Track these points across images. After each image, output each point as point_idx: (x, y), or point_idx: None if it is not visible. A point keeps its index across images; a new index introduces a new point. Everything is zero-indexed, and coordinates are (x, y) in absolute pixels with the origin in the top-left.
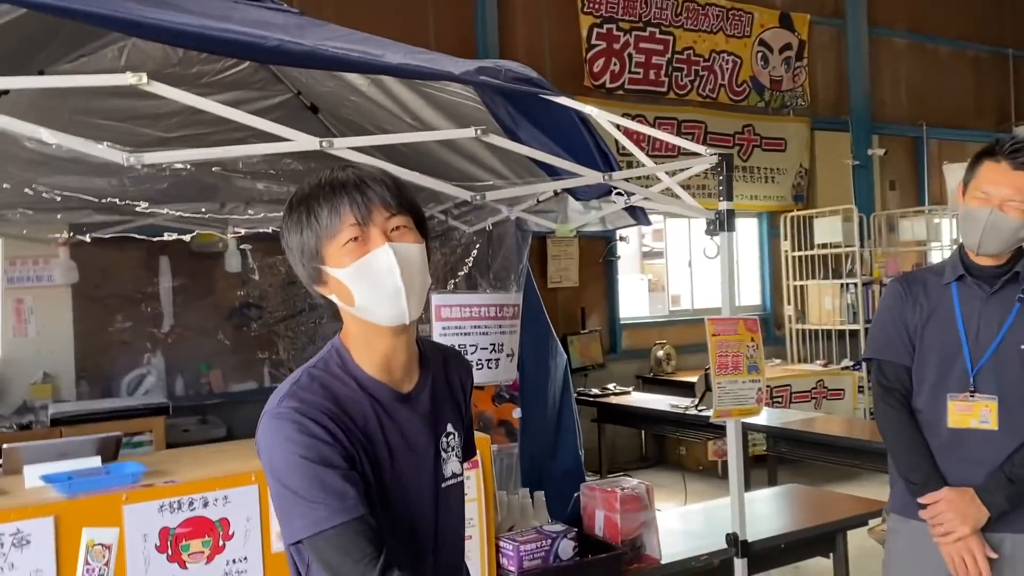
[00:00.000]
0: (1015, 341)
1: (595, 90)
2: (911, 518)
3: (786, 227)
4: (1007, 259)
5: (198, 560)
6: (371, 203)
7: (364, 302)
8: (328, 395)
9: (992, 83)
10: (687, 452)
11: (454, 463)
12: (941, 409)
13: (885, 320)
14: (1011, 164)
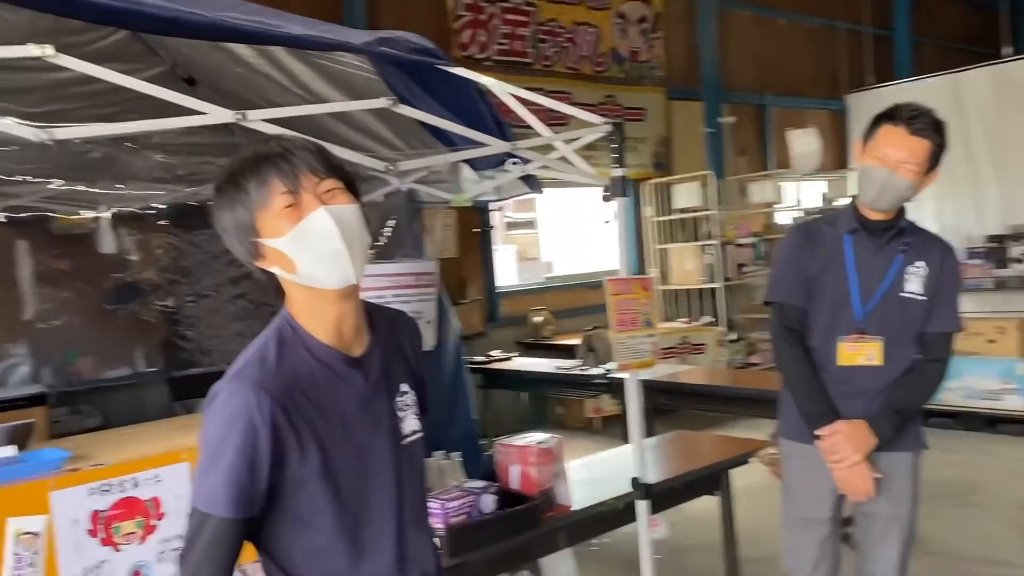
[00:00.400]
0: (897, 289)
1: (463, 61)
2: (804, 443)
3: (648, 194)
4: (894, 215)
5: (131, 541)
6: (298, 170)
7: (307, 268)
8: (283, 367)
9: (824, 55)
10: (567, 411)
11: (412, 420)
12: (832, 348)
13: (785, 266)
14: (908, 129)
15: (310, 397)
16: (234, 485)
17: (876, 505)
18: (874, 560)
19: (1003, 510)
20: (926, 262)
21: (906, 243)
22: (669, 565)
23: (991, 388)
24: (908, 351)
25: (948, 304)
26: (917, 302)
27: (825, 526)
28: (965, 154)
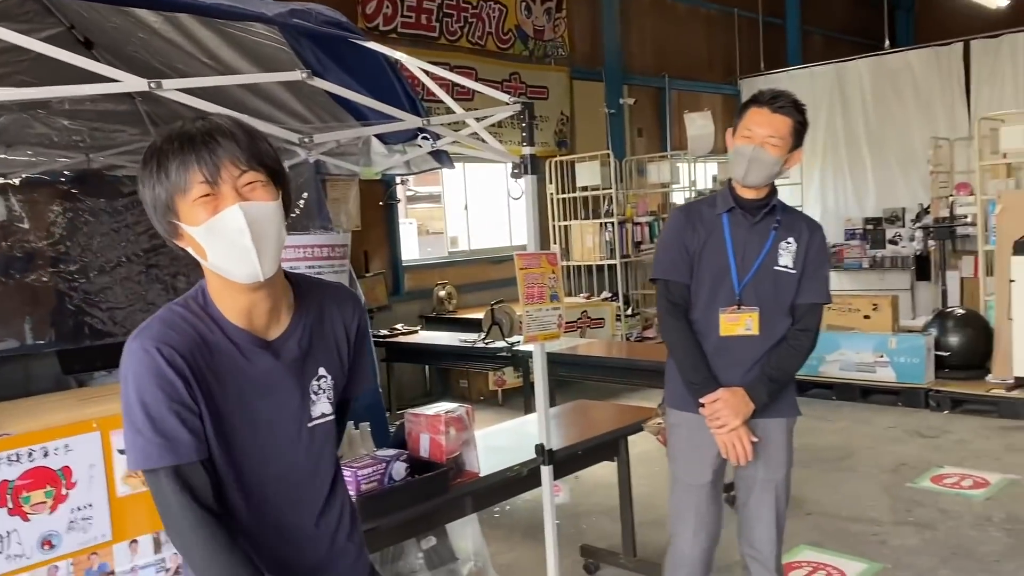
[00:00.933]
0: (770, 263)
1: (368, 32)
2: (688, 411)
3: (551, 171)
4: (766, 193)
5: (40, 511)
6: (220, 160)
7: (216, 260)
8: (187, 333)
9: (721, 40)
10: (469, 384)
11: (323, 404)
12: (713, 320)
13: (668, 245)
14: (770, 108)
15: (208, 363)
16: (165, 433)
17: (754, 469)
18: (753, 520)
19: (874, 473)
20: (795, 238)
21: (777, 220)
22: (567, 529)
23: (866, 361)
24: (782, 321)
25: (816, 277)
26: (789, 275)
27: (706, 489)
28: (847, 140)
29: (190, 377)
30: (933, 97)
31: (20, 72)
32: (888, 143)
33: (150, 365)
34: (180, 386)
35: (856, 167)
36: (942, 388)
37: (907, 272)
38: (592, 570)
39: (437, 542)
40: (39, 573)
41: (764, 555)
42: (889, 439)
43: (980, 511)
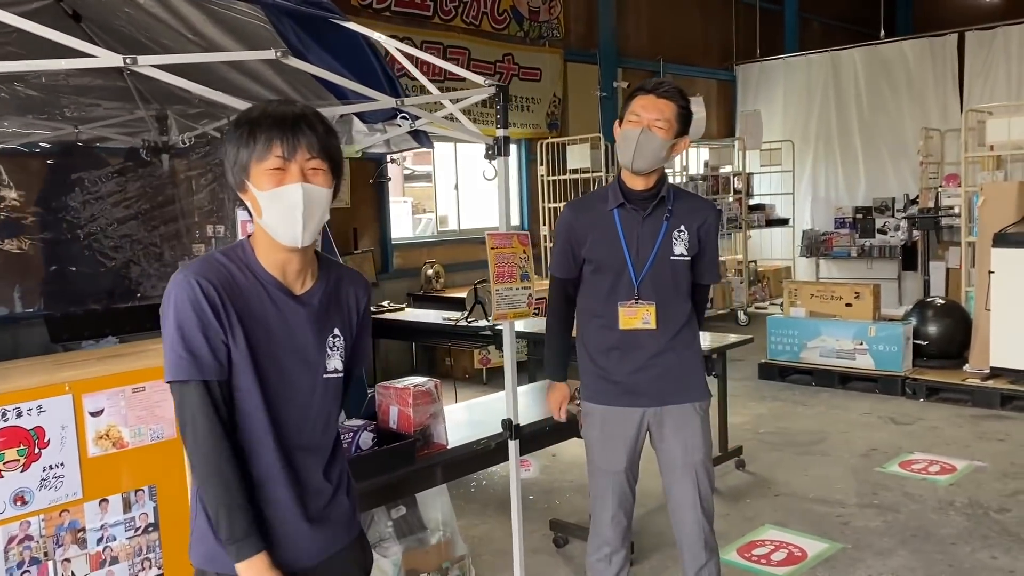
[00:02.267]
0: (665, 254)
1: (362, 10)
2: (599, 404)
3: (542, 153)
4: (655, 182)
5: (14, 468)
6: (298, 143)
7: (268, 220)
8: (225, 273)
9: (718, 25)
10: (455, 362)
11: (336, 361)
12: (615, 313)
13: (559, 243)
14: (656, 94)
15: (245, 302)
16: (193, 351)
17: (672, 455)
18: (678, 504)
19: (844, 457)
20: (686, 226)
21: (669, 210)
22: (539, 504)
23: (845, 348)
24: (681, 307)
25: (712, 259)
26: (684, 262)
27: (621, 476)
28: (840, 129)
29: (221, 310)
30: (926, 88)
31: (9, 43)
32: (880, 133)
33: (189, 294)
34: (211, 315)
35: (848, 156)
36: (919, 376)
37: (895, 262)
38: (560, 544)
39: (407, 511)
40: (12, 527)
41: (693, 536)
42: (863, 425)
43: (943, 495)
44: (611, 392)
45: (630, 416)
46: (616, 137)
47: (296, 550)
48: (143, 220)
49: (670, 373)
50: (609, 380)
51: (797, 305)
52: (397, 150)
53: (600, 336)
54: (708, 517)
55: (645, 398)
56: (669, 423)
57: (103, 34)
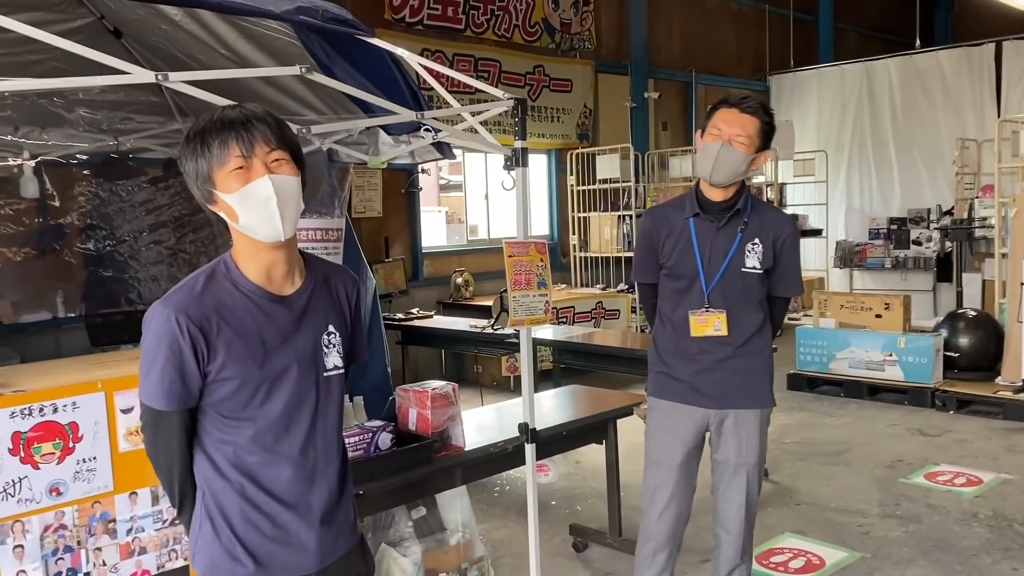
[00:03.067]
0: (737, 265)
1: (395, 24)
2: (661, 399)
3: (572, 163)
4: (733, 194)
5: (50, 461)
6: (254, 139)
7: (246, 222)
8: (207, 301)
9: (751, 35)
10: (483, 369)
11: (335, 357)
12: (685, 320)
13: (640, 251)
14: (739, 109)
15: (229, 321)
16: (165, 386)
17: (727, 455)
18: (724, 502)
19: (869, 468)
20: (760, 239)
21: (744, 223)
22: (561, 510)
23: (874, 359)
24: (752, 317)
25: (792, 272)
26: (755, 275)
27: (676, 471)
28: (874, 139)
29: (201, 340)
30: (963, 98)
31: (54, 59)
32: (915, 143)
33: (167, 329)
34: (187, 349)
35: (882, 166)
36: (949, 388)
37: (930, 273)
38: (580, 548)
39: (427, 512)
40: (47, 516)
41: (733, 535)
42: (890, 436)
43: (967, 507)
44: (675, 389)
45: (692, 414)
46: (697, 148)
47: (303, 554)
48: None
49: (736, 377)
50: (674, 378)
51: (827, 316)
52: (422, 161)
53: (671, 339)
54: (750, 521)
55: (709, 399)
56: (729, 425)
57: (142, 50)
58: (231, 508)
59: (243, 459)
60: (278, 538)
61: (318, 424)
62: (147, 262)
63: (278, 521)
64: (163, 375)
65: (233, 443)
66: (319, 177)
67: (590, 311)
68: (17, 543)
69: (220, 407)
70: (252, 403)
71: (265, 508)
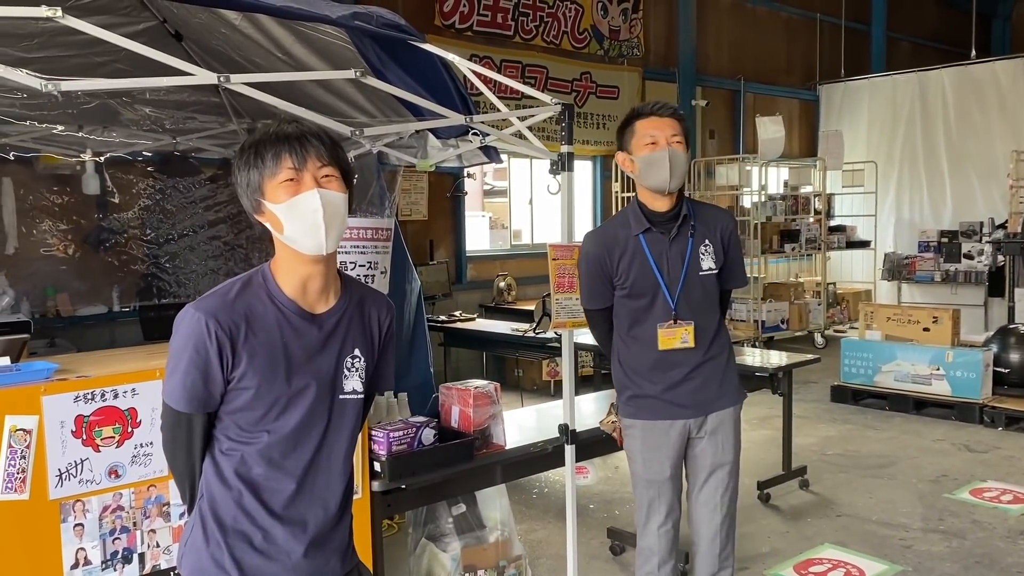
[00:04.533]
0: (695, 270)
1: (445, 29)
2: (638, 419)
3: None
4: (676, 202)
5: (109, 444)
6: (307, 153)
7: (291, 233)
8: (238, 309)
9: (801, 44)
10: (524, 373)
11: (355, 381)
12: (653, 334)
13: (588, 275)
14: (658, 115)
15: (257, 331)
16: (187, 388)
17: (703, 457)
18: (700, 505)
19: (912, 482)
20: (710, 238)
21: (692, 227)
22: (599, 514)
23: (921, 373)
24: (712, 321)
25: (738, 264)
26: (712, 276)
27: (667, 484)
28: (926, 150)
29: (228, 345)
30: (1019, 109)
31: (118, 61)
32: (969, 155)
33: (195, 331)
34: (213, 354)
35: (934, 178)
36: (998, 404)
37: (981, 287)
38: (617, 551)
39: (467, 509)
40: (106, 498)
41: (708, 540)
42: (935, 451)
43: (1014, 525)
44: (650, 407)
45: (672, 427)
46: (629, 166)
47: (289, 572)
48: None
49: (709, 384)
50: (648, 396)
51: (873, 328)
52: (469, 164)
53: (637, 356)
54: (729, 523)
55: (686, 410)
56: (707, 428)
57: (202, 52)
58: (226, 516)
59: (247, 470)
60: (267, 552)
61: (325, 445)
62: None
63: (270, 535)
64: (186, 377)
65: (241, 452)
66: (369, 179)
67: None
68: (78, 521)
69: (236, 416)
70: (267, 416)
71: (259, 521)
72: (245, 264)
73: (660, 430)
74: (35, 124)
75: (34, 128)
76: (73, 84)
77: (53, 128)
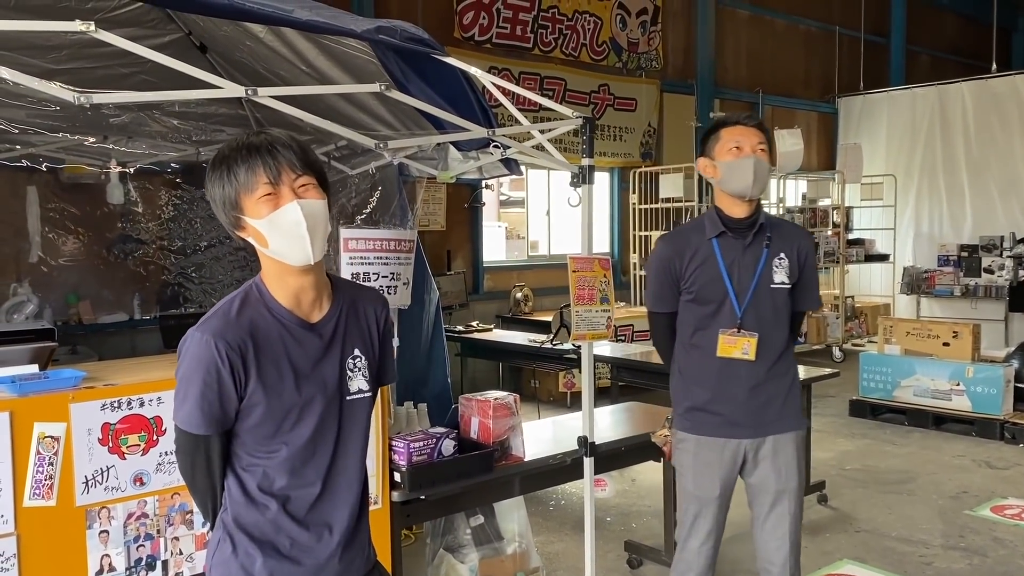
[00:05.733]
0: (766, 282)
1: (464, 42)
2: (694, 434)
3: (634, 182)
4: (754, 210)
5: (135, 452)
6: (280, 165)
7: (276, 247)
8: (242, 325)
9: (820, 57)
10: (540, 384)
11: (360, 381)
12: (713, 344)
13: (656, 278)
14: (744, 124)
15: (262, 346)
16: (204, 411)
17: (766, 482)
18: (766, 533)
19: (932, 499)
20: (786, 253)
21: (768, 237)
22: (616, 526)
23: (941, 388)
24: (780, 336)
25: (812, 286)
26: (784, 291)
27: (714, 503)
28: (945, 164)
29: (239, 365)
30: None
31: (144, 73)
32: (989, 169)
33: (206, 355)
34: (225, 375)
35: (953, 192)
36: (1019, 421)
37: (1002, 302)
38: (635, 564)
39: (485, 521)
40: (131, 505)
41: (779, 567)
42: (955, 467)
43: None
44: (708, 423)
45: (727, 446)
46: (711, 171)
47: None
48: None
49: (771, 404)
50: (706, 411)
51: (892, 342)
52: (489, 176)
53: (697, 367)
54: (795, 548)
55: (744, 429)
56: (766, 451)
57: (226, 64)
58: (252, 527)
59: (270, 483)
60: (295, 558)
61: (341, 448)
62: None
63: (297, 542)
64: (202, 400)
65: (263, 466)
66: (391, 191)
67: (647, 329)
68: (103, 528)
69: (252, 432)
70: (282, 428)
71: (286, 529)
72: None
73: (714, 447)
74: (67, 136)
75: (65, 139)
76: (104, 97)
77: (85, 140)
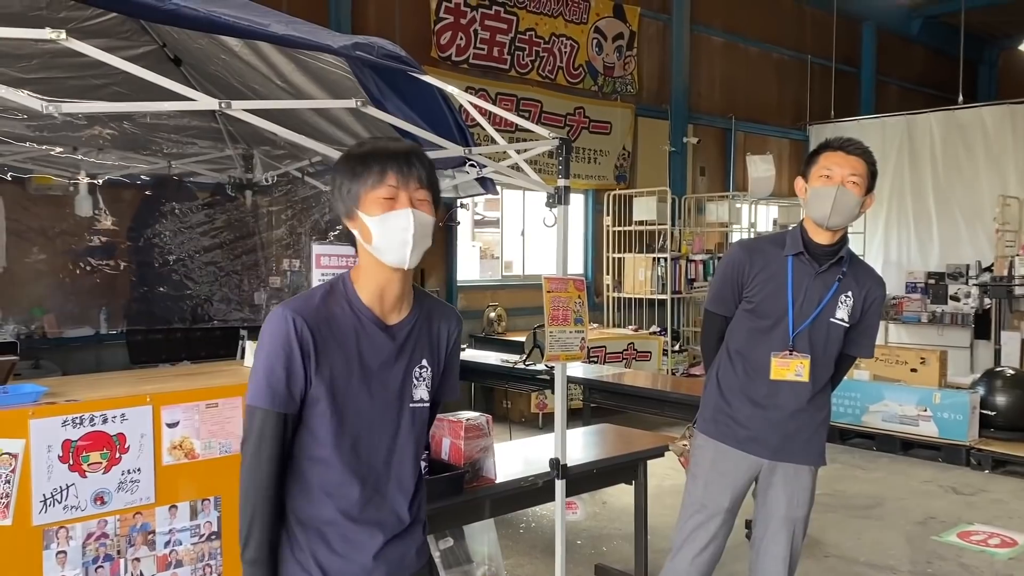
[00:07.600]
0: (827, 314)
1: (441, 62)
2: (716, 439)
3: (609, 204)
4: (839, 239)
5: (96, 470)
6: (411, 174)
7: (379, 244)
8: (323, 308)
9: (792, 85)
10: (512, 405)
11: (423, 391)
12: (765, 360)
13: (722, 281)
14: (846, 151)
15: (336, 336)
16: (271, 384)
17: (776, 507)
18: (765, 555)
19: (900, 524)
20: (853, 293)
21: (843, 272)
22: (586, 550)
23: (909, 414)
24: (826, 370)
25: (870, 334)
26: (841, 327)
27: (720, 516)
28: (913, 192)
29: (311, 345)
30: (1005, 154)
31: (116, 84)
32: (955, 198)
33: (282, 329)
34: (297, 352)
35: (921, 220)
36: (984, 447)
37: (967, 329)
38: None
39: (454, 543)
40: (91, 524)
41: None
42: (923, 493)
43: (1001, 569)
44: (735, 434)
45: (746, 460)
46: (802, 193)
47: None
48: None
49: (800, 433)
50: (736, 422)
51: (861, 367)
52: (465, 195)
53: (739, 380)
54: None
55: (766, 450)
56: (780, 476)
57: (200, 78)
58: (308, 524)
59: (327, 478)
60: (348, 555)
61: (396, 452)
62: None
63: (350, 538)
64: (271, 373)
65: (323, 462)
66: None
67: (622, 352)
68: (60, 549)
69: (313, 423)
70: (343, 425)
71: (340, 526)
72: (238, 291)
73: (733, 458)
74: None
75: (32, 149)
76: (73, 107)
77: (51, 150)
